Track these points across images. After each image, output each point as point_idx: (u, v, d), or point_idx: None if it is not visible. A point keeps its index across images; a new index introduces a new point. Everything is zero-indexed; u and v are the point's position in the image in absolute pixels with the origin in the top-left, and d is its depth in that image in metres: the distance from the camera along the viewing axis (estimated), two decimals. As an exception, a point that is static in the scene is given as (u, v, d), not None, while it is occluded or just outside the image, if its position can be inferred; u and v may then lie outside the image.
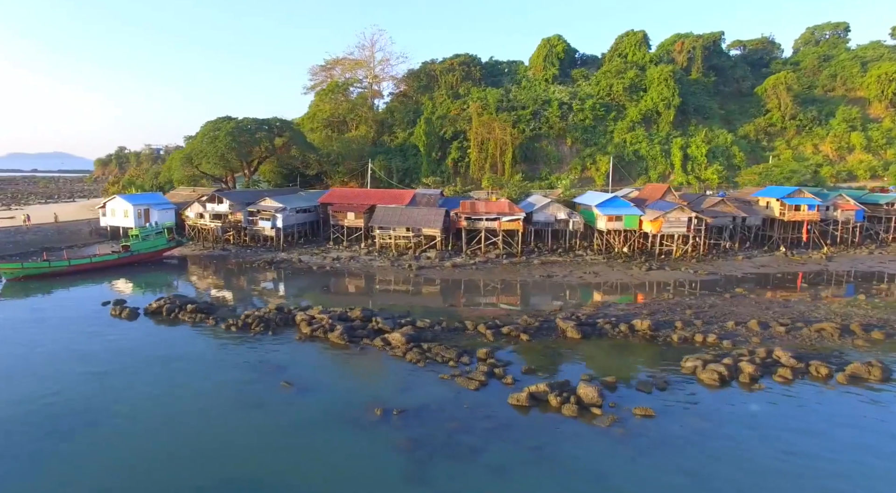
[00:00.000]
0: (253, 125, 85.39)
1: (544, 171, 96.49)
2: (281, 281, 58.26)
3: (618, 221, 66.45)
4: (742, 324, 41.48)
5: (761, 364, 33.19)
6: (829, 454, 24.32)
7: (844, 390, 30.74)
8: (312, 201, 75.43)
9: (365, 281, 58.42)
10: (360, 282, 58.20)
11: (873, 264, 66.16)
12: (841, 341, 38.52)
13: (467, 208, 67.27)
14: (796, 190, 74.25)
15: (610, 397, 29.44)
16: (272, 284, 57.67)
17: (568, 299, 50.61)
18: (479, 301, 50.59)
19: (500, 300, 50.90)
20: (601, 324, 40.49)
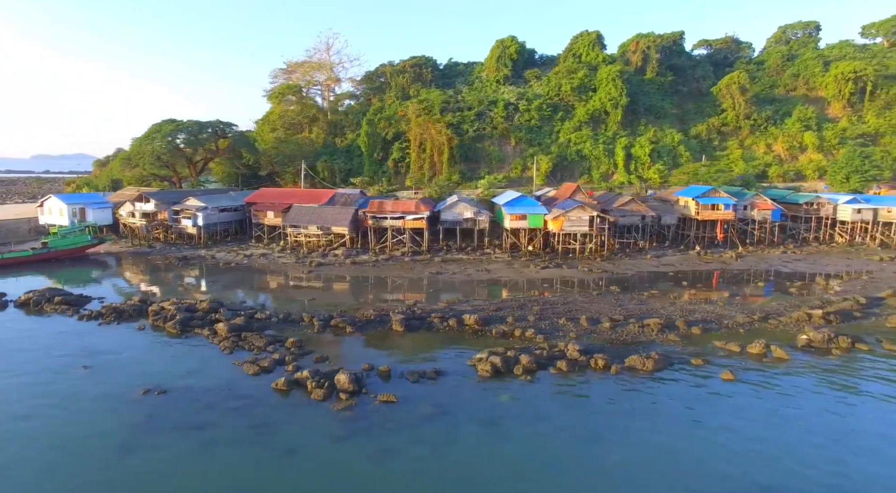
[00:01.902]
0: (195, 127, 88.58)
1: (483, 171, 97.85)
2: (184, 276, 61.00)
3: (522, 220, 67.69)
4: (574, 320, 42.72)
5: (548, 357, 34.58)
6: (537, 439, 25.90)
7: (612, 379, 32.10)
8: (238, 201, 78.21)
9: (263, 276, 60.90)
10: (258, 277, 60.64)
11: (775, 264, 66.24)
12: (657, 335, 39.54)
13: (374, 207, 69.29)
14: (711, 189, 74.48)
15: (372, 384, 31.34)
16: (174, 279, 60.39)
17: (441, 295, 52.19)
18: (358, 296, 52.49)
19: (375, 296, 52.68)
20: (432, 318, 42.14)
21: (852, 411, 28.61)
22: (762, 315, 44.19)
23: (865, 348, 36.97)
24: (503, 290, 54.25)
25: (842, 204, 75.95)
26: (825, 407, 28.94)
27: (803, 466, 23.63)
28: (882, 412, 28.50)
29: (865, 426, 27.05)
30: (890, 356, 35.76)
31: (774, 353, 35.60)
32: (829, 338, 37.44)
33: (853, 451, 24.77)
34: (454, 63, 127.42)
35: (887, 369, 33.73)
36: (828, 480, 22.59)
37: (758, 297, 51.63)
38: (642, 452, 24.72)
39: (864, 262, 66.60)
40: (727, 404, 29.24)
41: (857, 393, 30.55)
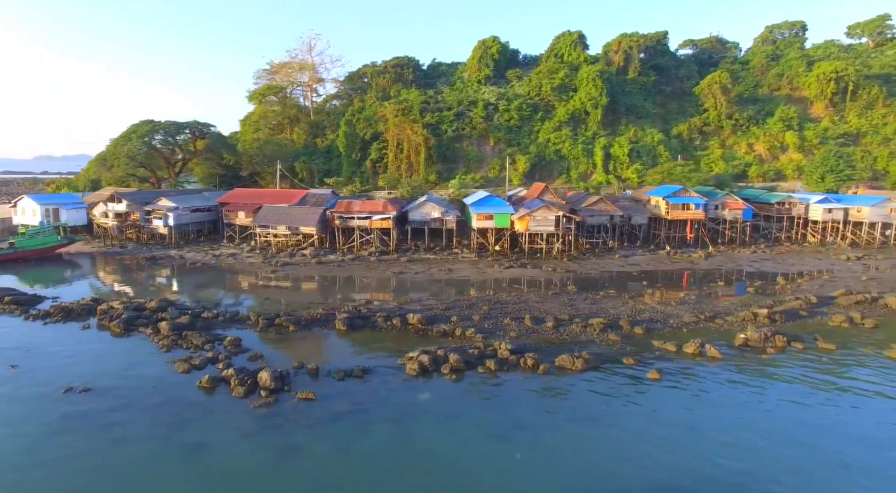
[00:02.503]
0: (173, 128, 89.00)
1: (461, 171, 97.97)
2: (149, 276, 61.17)
3: (489, 220, 67.80)
4: (519, 319, 42.81)
5: (479, 356, 34.68)
6: (444, 437, 26.14)
7: (538, 379, 32.21)
8: (211, 201, 78.57)
9: (227, 276, 61.13)
10: (221, 277, 60.89)
11: (743, 263, 66.16)
12: (598, 335, 39.61)
13: (342, 208, 69.52)
14: (681, 189, 74.44)
15: (299, 381, 31.53)
16: (139, 278, 60.61)
17: (399, 294, 52.31)
18: (315, 295, 52.68)
19: (332, 296, 52.82)
20: (376, 318, 42.30)
21: (761, 407, 28.67)
22: (711, 315, 44.25)
23: (800, 346, 36.96)
24: (461, 289, 54.29)
25: (813, 204, 75.84)
26: (738, 404, 28.99)
27: (702, 461, 23.70)
28: (791, 408, 28.51)
29: (772, 424, 27.07)
30: (822, 353, 35.79)
31: (708, 352, 35.64)
32: (766, 337, 37.45)
33: (753, 447, 24.82)
34: (437, 64, 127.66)
35: (812, 366, 33.75)
36: (718, 475, 22.66)
37: (714, 296, 51.52)
38: (545, 450, 24.85)
39: (830, 261, 66.47)
40: (645, 402, 29.32)
41: (775, 389, 30.59)
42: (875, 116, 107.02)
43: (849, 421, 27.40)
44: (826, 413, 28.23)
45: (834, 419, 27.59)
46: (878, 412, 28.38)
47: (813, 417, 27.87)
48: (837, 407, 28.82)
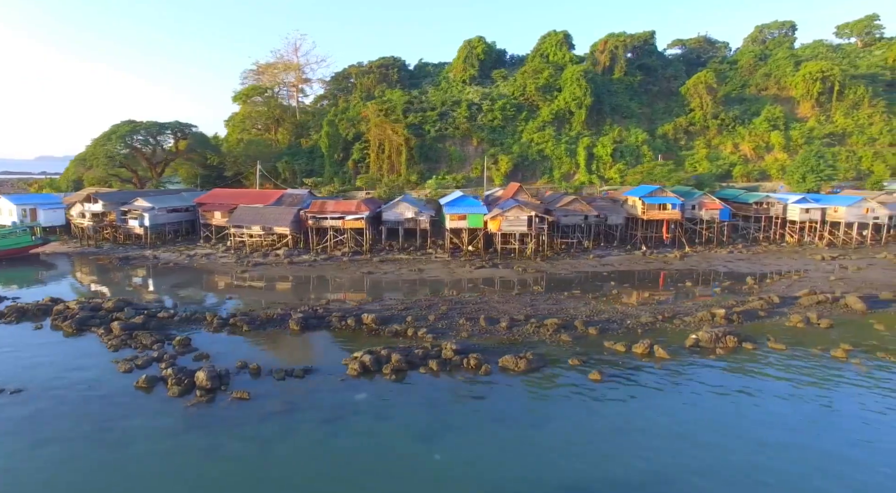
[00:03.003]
0: (154, 128, 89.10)
1: (443, 171, 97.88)
2: (119, 276, 61.16)
3: (463, 220, 67.67)
4: (473, 320, 42.64)
5: (424, 356, 34.53)
6: (370, 437, 25.92)
7: (478, 380, 32.02)
8: (189, 201, 78.62)
9: (198, 276, 61.10)
10: (192, 277, 60.81)
11: (717, 264, 65.84)
12: (551, 336, 39.43)
13: (315, 208, 69.46)
14: (657, 189, 74.15)
15: (240, 381, 31.55)
16: (109, 278, 60.60)
17: (361, 294, 52.20)
18: (280, 295, 52.62)
19: (297, 296, 52.68)
20: (331, 318, 42.21)
21: (692, 408, 28.48)
22: (670, 315, 44.05)
23: (750, 346, 36.73)
24: (427, 290, 54.10)
25: (791, 204, 75.46)
26: (670, 405, 28.80)
27: (618, 463, 23.55)
28: (720, 408, 28.31)
29: (697, 425, 26.87)
30: (770, 354, 35.57)
31: (657, 353, 35.44)
32: (717, 337, 37.21)
33: (670, 448, 24.65)
34: (424, 64, 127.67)
35: (755, 367, 33.56)
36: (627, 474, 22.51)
37: (681, 296, 51.24)
38: (466, 452, 24.70)
39: (805, 261, 66.11)
40: (580, 404, 29.15)
41: (710, 390, 30.36)
42: (861, 116, 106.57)
43: (772, 421, 27.17)
44: (751, 413, 28.00)
45: (760, 419, 27.37)
46: (796, 413, 28.12)
47: (743, 417, 27.64)
48: (761, 407, 28.60)
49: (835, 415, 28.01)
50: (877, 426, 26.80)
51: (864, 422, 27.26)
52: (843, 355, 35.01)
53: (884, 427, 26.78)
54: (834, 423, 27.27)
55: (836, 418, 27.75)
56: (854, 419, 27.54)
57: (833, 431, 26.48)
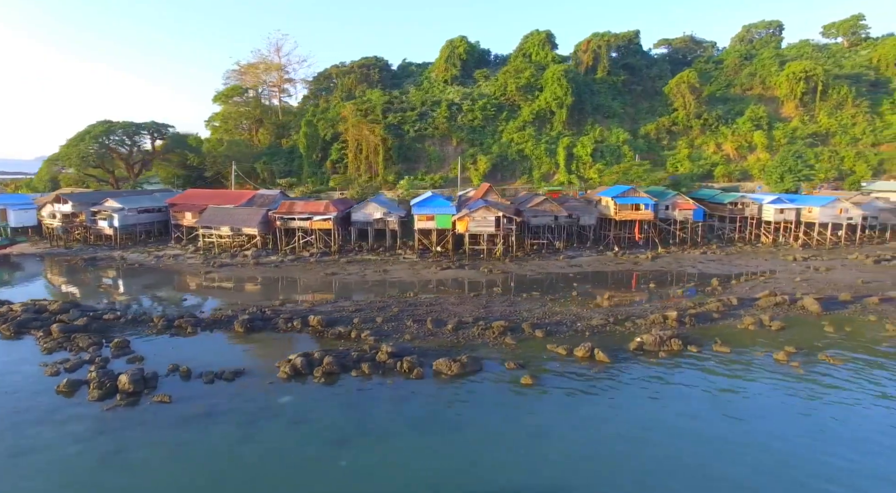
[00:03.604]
0: (131, 128, 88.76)
1: (421, 171, 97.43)
2: (83, 277, 60.79)
3: (430, 221, 67.18)
4: (421, 322, 42.19)
5: (358, 359, 34.11)
6: (282, 441, 25.44)
7: (409, 383, 31.56)
8: (161, 202, 78.25)
9: (161, 277, 60.77)
10: (155, 278, 60.44)
11: (687, 265, 65.21)
12: (496, 338, 38.96)
13: (284, 209, 69.05)
14: (630, 189, 73.56)
15: (168, 384, 31.22)
16: (72, 279, 60.25)
17: (320, 295, 51.73)
18: (239, 297, 52.20)
19: (255, 297, 52.28)
20: (277, 319, 41.77)
21: (616, 412, 27.94)
22: (623, 317, 43.47)
23: (695, 349, 36.17)
24: (388, 291, 53.57)
25: (766, 204, 74.82)
26: (595, 410, 28.28)
27: (529, 472, 23.04)
28: (642, 412, 27.79)
29: (612, 431, 26.35)
30: (712, 357, 35.00)
31: (597, 356, 34.87)
32: (662, 340, 36.66)
33: (588, 454, 24.15)
34: (408, 64, 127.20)
35: (692, 370, 33.01)
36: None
37: (643, 298, 50.65)
38: (376, 457, 24.24)
39: (776, 262, 65.46)
40: (504, 408, 28.67)
41: (637, 394, 29.85)
42: (844, 116, 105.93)
43: (686, 428, 26.66)
44: (669, 418, 27.46)
45: (675, 425, 26.85)
46: (716, 419, 27.59)
47: (657, 423, 27.11)
48: (682, 412, 28.07)
49: (750, 421, 27.43)
50: (794, 429, 26.29)
51: (780, 424, 26.73)
52: (785, 357, 34.44)
53: (801, 429, 26.26)
54: (747, 428, 26.69)
55: (750, 424, 27.18)
56: (769, 422, 26.99)
57: (744, 435, 25.91)
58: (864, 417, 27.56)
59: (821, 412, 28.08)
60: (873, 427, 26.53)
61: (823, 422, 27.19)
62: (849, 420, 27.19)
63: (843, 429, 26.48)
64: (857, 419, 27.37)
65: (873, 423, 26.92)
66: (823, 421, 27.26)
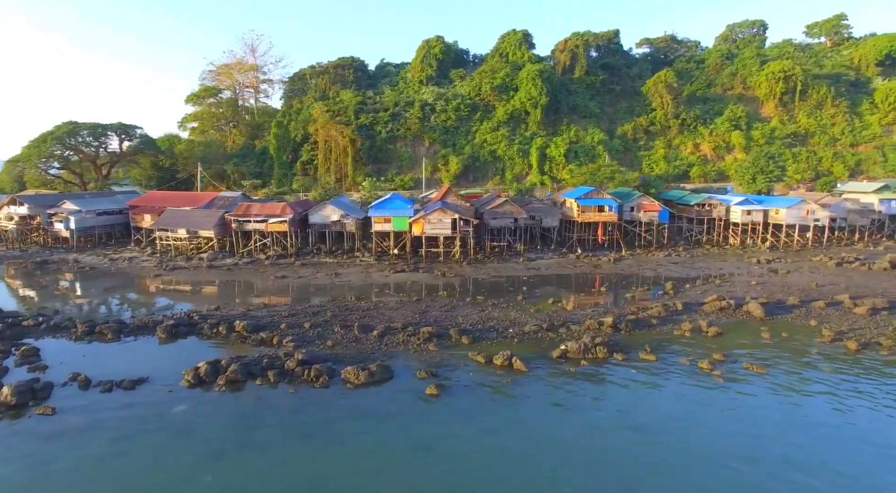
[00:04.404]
0: (96, 130, 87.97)
1: (392, 172, 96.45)
2: (28, 282, 59.83)
3: (387, 223, 66.16)
4: (348, 327, 41.16)
5: (267, 366, 33.12)
6: (156, 454, 24.43)
7: (312, 392, 30.54)
8: (122, 204, 77.38)
9: (109, 281, 59.82)
10: (103, 282, 59.49)
11: (647, 268, 63.94)
12: (421, 345, 37.87)
13: (240, 211, 68.10)
14: (592, 190, 72.37)
15: (66, 393, 30.52)
16: (18, 283, 59.29)
17: (262, 299, 50.68)
18: (179, 300, 51.25)
19: (195, 300, 51.27)
20: (203, 325, 40.81)
21: (511, 426, 26.82)
22: (559, 322, 42.35)
23: (620, 358, 35.01)
24: (334, 294, 52.43)
25: (733, 205, 73.57)
26: (492, 422, 27.17)
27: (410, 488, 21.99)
28: (539, 426, 26.69)
29: (508, 443, 25.26)
30: (635, 367, 33.83)
31: (514, 365, 33.75)
32: (587, 348, 35.52)
33: (468, 468, 23.08)
34: (385, 64, 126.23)
35: (607, 380, 31.86)
36: None
37: (586, 302, 49.50)
38: (244, 472, 23.21)
39: (739, 264, 64.17)
40: (394, 421, 27.55)
41: (538, 406, 28.74)
42: (824, 116, 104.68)
43: (579, 445, 25.57)
44: (567, 434, 26.39)
45: (573, 442, 25.77)
46: (618, 433, 26.48)
47: (554, 441, 26.03)
48: (584, 426, 26.97)
49: (651, 434, 26.31)
50: (695, 442, 25.17)
51: (682, 437, 25.61)
52: (709, 366, 33.28)
53: (702, 442, 25.13)
54: (645, 442, 25.58)
55: (651, 436, 26.06)
56: (670, 436, 25.87)
57: (641, 449, 24.80)
58: (771, 432, 26.39)
59: (727, 425, 26.94)
60: (777, 445, 25.35)
61: (726, 436, 26.02)
62: (753, 434, 26.03)
63: (742, 444, 25.30)
64: (763, 433, 26.20)
65: (778, 441, 25.71)
66: (726, 435, 26.10)
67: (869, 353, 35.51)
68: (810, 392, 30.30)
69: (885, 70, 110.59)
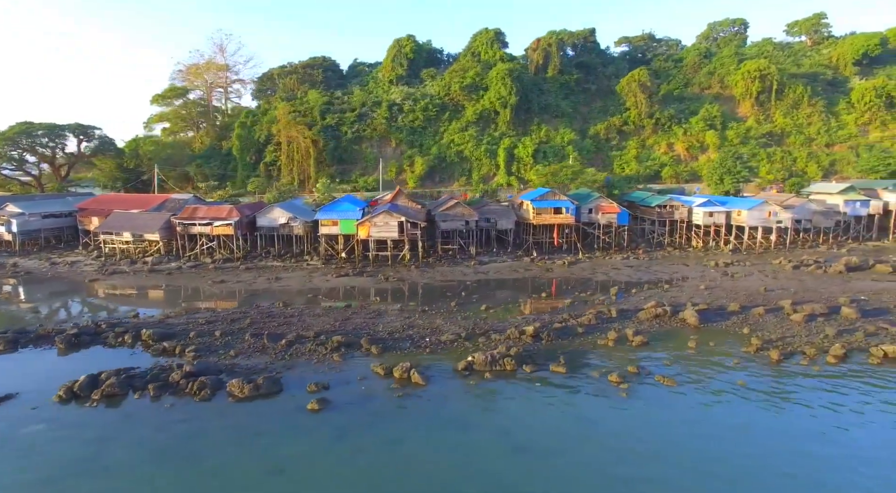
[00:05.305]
0: (53, 130, 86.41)
1: (356, 173, 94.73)
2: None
3: (335, 226, 64.42)
4: (258, 336, 39.46)
5: (152, 378, 31.39)
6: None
7: (190, 405, 28.84)
8: (70, 206, 75.73)
9: (39, 286, 58.13)
10: (34, 286, 57.85)
11: (600, 271, 62.03)
12: (327, 355, 36.16)
13: (186, 214, 66.43)
14: (548, 192, 70.51)
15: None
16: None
17: (189, 305, 48.99)
18: (102, 307, 49.73)
19: (119, 307, 49.65)
20: (109, 334, 39.15)
21: (385, 447, 25.02)
22: (481, 331, 40.54)
23: (529, 370, 33.17)
24: (264, 299, 50.65)
25: (695, 207, 71.65)
26: (367, 441, 25.38)
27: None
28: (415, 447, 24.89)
29: (375, 464, 23.46)
30: (540, 380, 31.96)
31: (413, 378, 31.94)
32: (494, 360, 33.66)
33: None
34: (358, 64, 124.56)
35: (508, 394, 30.06)
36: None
37: (521, 309, 47.64)
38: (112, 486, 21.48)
39: (695, 268, 62.19)
40: (256, 441, 25.78)
41: (426, 423, 26.97)
42: (800, 115, 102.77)
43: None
44: (433, 456, 24.57)
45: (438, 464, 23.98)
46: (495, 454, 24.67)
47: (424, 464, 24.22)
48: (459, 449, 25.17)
49: (535, 454, 24.50)
50: (579, 463, 23.35)
51: (568, 459, 23.80)
52: (618, 379, 31.43)
53: (585, 462, 23.31)
54: (526, 463, 23.76)
55: (535, 456, 24.25)
56: (558, 457, 24.07)
57: (519, 471, 22.98)
58: (659, 451, 24.56)
59: (612, 445, 25.10)
60: (662, 465, 23.53)
61: (608, 457, 24.19)
62: (642, 453, 24.20)
63: (625, 465, 23.48)
64: (651, 453, 24.37)
65: (664, 462, 23.90)
66: (608, 456, 24.27)
67: (790, 363, 33.64)
68: (711, 405, 28.53)
69: (863, 69, 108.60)
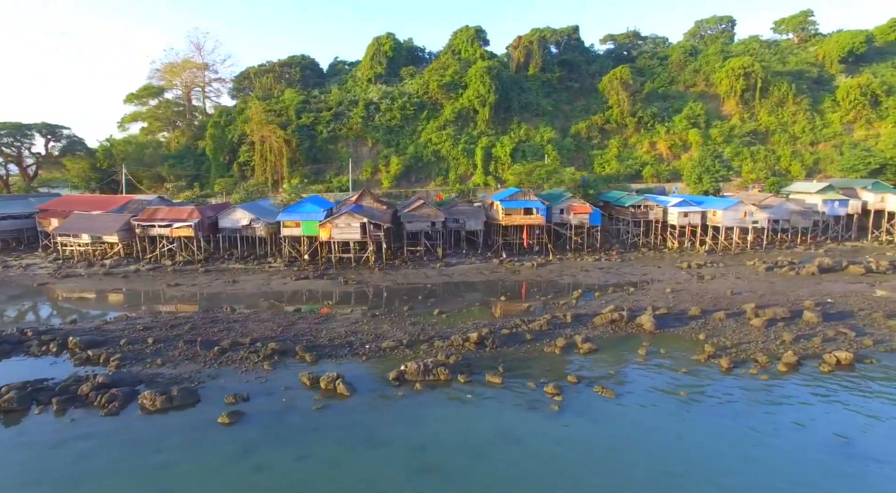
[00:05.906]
0: (18, 130, 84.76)
1: (331, 173, 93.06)
2: None
3: (297, 228, 62.74)
4: (192, 343, 37.75)
5: (61, 390, 29.69)
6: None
7: (90, 419, 27.16)
8: (31, 207, 74.06)
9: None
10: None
11: (568, 274, 60.31)
12: (259, 363, 34.44)
13: (145, 215, 64.75)
14: (517, 192, 68.79)
15: None
16: None
17: (137, 310, 47.27)
18: (44, 312, 48.13)
19: (60, 312, 48.04)
20: (33, 342, 37.50)
21: (293, 464, 23.29)
22: (425, 337, 38.87)
23: (463, 380, 31.46)
24: (217, 304, 48.92)
25: (670, 207, 69.94)
26: (270, 460, 23.66)
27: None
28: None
29: (272, 486, 21.76)
30: (472, 392, 30.20)
31: (338, 389, 30.23)
32: (426, 369, 31.95)
33: None
34: (338, 62, 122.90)
35: (435, 407, 28.34)
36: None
37: (475, 314, 45.89)
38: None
39: (666, 270, 60.51)
40: (153, 457, 24.06)
41: (334, 441, 25.24)
42: (785, 113, 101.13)
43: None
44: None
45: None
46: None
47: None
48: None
49: (446, 474, 22.80)
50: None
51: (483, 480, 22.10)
52: (555, 390, 29.66)
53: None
54: (433, 484, 22.06)
55: (447, 477, 22.55)
56: (469, 479, 22.36)
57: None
58: (581, 472, 22.86)
59: (529, 466, 23.38)
60: (578, 487, 21.84)
61: (520, 480, 22.48)
62: (559, 473, 22.50)
63: (540, 487, 21.77)
64: (572, 473, 22.67)
65: (585, 484, 22.20)
66: (522, 478, 22.55)
67: (738, 372, 31.91)
68: (644, 419, 26.77)
69: (849, 67, 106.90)
